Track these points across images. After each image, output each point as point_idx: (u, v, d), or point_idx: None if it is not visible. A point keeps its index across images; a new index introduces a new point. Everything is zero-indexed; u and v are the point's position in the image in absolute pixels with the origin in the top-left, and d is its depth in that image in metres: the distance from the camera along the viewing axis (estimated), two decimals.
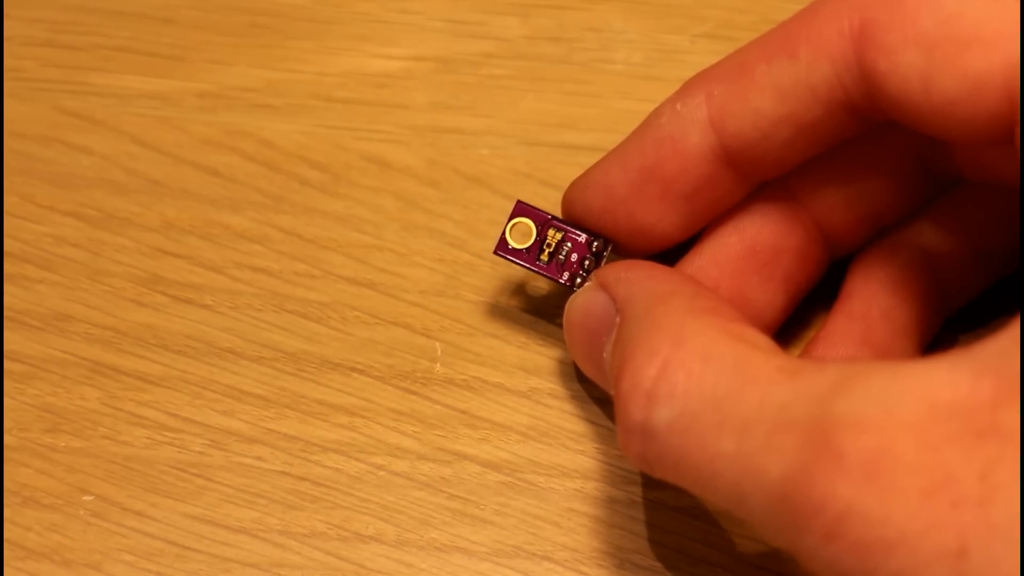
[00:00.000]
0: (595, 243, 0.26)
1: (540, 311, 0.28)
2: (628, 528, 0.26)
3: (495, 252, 0.26)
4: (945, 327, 0.26)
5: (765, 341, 0.21)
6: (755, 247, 0.25)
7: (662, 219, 0.25)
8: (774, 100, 0.23)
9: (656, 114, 0.24)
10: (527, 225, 0.26)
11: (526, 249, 0.26)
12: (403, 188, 0.29)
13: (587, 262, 0.26)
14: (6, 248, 0.29)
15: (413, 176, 0.30)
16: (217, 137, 0.30)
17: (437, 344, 0.28)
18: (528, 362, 0.27)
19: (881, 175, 0.25)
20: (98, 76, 0.31)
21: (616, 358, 0.22)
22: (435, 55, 0.31)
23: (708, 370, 0.20)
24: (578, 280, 0.26)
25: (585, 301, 0.24)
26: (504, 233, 0.26)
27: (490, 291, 0.28)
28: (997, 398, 0.17)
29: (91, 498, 0.26)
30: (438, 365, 0.27)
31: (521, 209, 0.26)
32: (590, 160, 0.25)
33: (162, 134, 0.30)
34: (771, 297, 0.25)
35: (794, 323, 0.27)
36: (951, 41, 0.20)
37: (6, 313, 0.28)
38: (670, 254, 0.26)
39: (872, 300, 0.25)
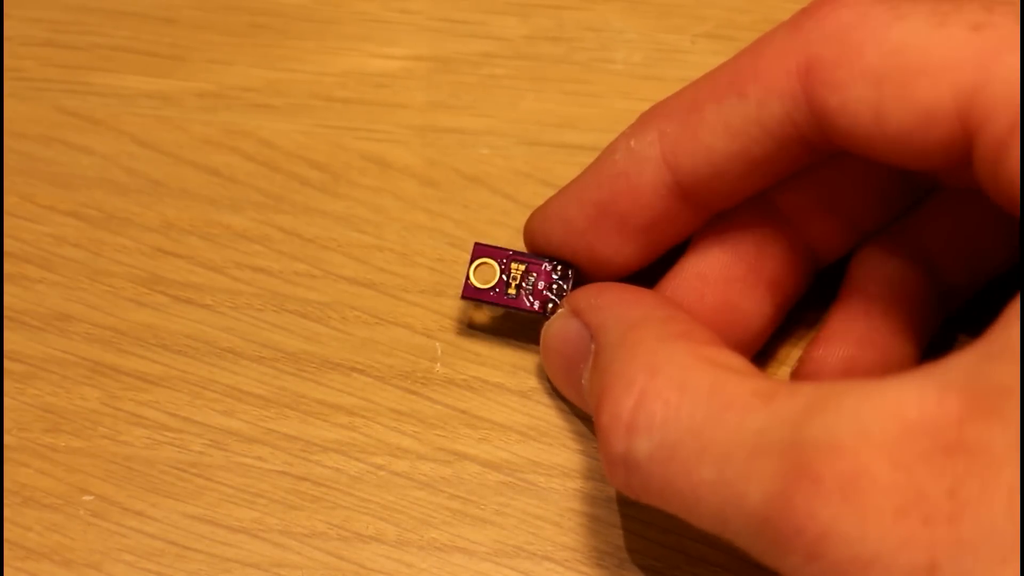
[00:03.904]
0: (559, 268, 0.26)
1: (540, 315, 0.28)
2: (628, 528, 0.26)
3: (463, 297, 0.26)
4: (944, 327, 0.26)
5: (740, 362, 0.21)
6: (739, 259, 0.25)
7: (620, 251, 0.25)
8: (725, 138, 0.23)
9: (611, 150, 0.25)
10: (490, 264, 0.26)
11: (493, 287, 0.26)
12: (403, 188, 0.29)
13: (555, 287, 0.26)
14: (6, 248, 0.29)
15: (413, 176, 0.30)
16: (217, 137, 0.30)
17: (437, 344, 0.28)
18: (528, 362, 0.27)
19: (859, 185, 0.26)
20: (98, 76, 0.31)
21: (594, 388, 0.22)
22: (435, 55, 0.31)
23: (685, 399, 0.20)
24: (550, 306, 0.26)
25: (559, 329, 0.25)
26: (468, 277, 0.26)
27: None
28: (963, 414, 0.17)
29: (91, 498, 0.26)
30: (438, 365, 0.27)
31: (480, 251, 0.27)
32: (590, 160, 0.25)
33: (162, 134, 0.30)
34: (758, 307, 0.25)
35: (792, 323, 0.27)
36: (899, 73, 0.20)
37: (6, 313, 0.28)
38: (655, 268, 0.26)
39: (871, 300, 0.25)
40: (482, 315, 0.28)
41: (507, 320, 0.28)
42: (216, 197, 0.29)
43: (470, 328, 0.28)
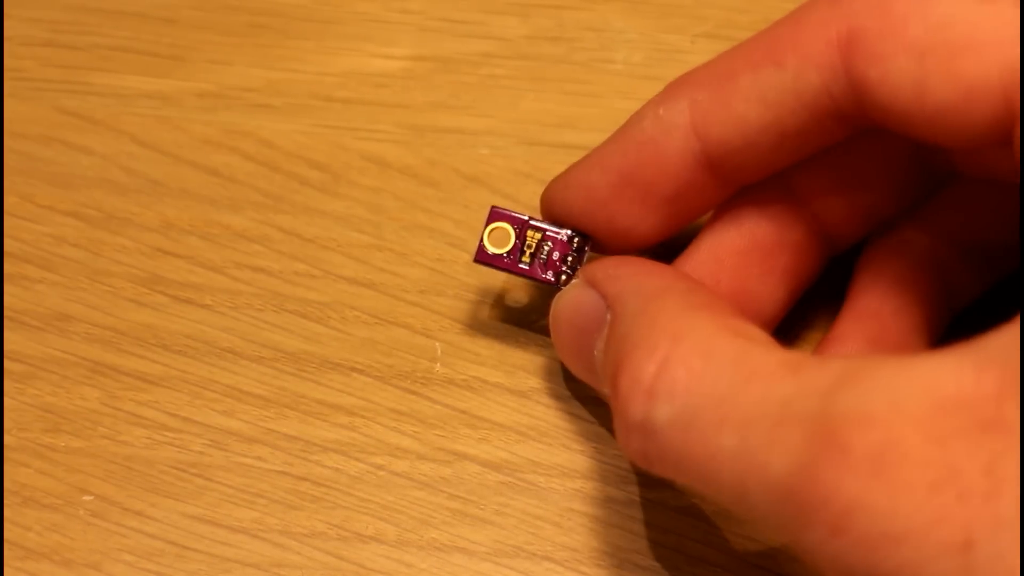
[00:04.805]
0: (575, 239, 0.26)
1: (540, 310, 0.28)
2: (628, 528, 0.26)
3: (475, 260, 0.26)
4: (953, 324, 0.26)
5: (763, 336, 0.21)
6: (754, 241, 0.25)
7: (642, 221, 0.25)
8: (760, 108, 0.23)
9: (638, 117, 0.24)
10: (505, 230, 0.26)
11: (507, 253, 0.26)
12: (403, 188, 0.29)
13: (570, 259, 0.26)
14: (6, 248, 0.29)
15: (413, 176, 0.30)
16: (217, 137, 0.30)
17: (437, 344, 0.28)
18: (528, 362, 0.27)
19: (878, 170, 0.25)
20: (98, 76, 0.31)
21: (611, 356, 0.22)
22: (435, 55, 0.31)
23: (709, 366, 0.20)
24: (563, 278, 0.26)
25: (573, 299, 0.24)
26: (482, 240, 0.26)
27: (490, 290, 0.28)
28: (1002, 391, 0.17)
29: (91, 498, 0.26)
30: (438, 365, 0.27)
31: (497, 214, 0.26)
32: None
33: (162, 134, 0.30)
34: (771, 291, 0.25)
35: (799, 322, 0.27)
36: (943, 47, 0.20)
37: (6, 313, 0.28)
38: (669, 248, 0.26)
39: (882, 299, 0.25)
40: (516, 299, 0.28)
41: (507, 320, 0.28)
42: (216, 197, 0.29)
43: (477, 321, 0.28)
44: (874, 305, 0.25)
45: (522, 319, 0.28)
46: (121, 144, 0.30)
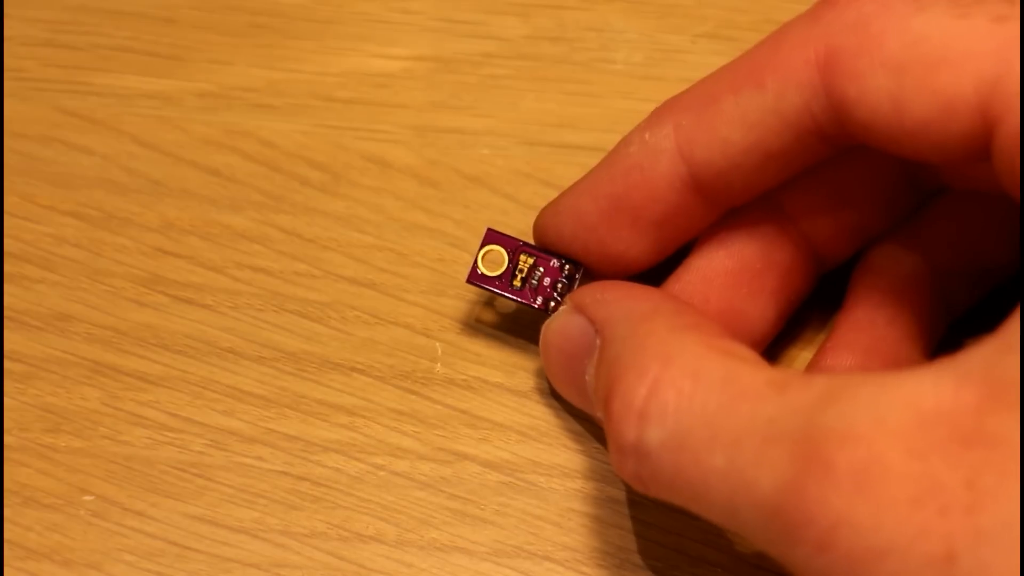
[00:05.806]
0: (567, 267, 0.26)
1: (541, 311, 0.28)
2: (628, 528, 0.26)
3: (468, 281, 0.26)
4: (951, 330, 0.26)
5: (751, 354, 0.21)
6: (743, 261, 0.25)
7: (632, 246, 0.25)
8: (743, 130, 0.23)
9: (625, 143, 0.25)
10: (498, 252, 0.26)
11: (499, 276, 0.26)
12: (403, 188, 0.29)
13: (560, 286, 0.26)
14: (6, 248, 0.29)
15: (413, 176, 0.30)
16: (217, 137, 0.30)
17: (437, 344, 0.28)
18: (528, 362, 0.27)
19: (866, 187, 0.25)
20: (98, 76, 0.31)
21: (602, 380, 0.22)
22: (435, 55, 0.31)
23: (698, 387, 0.20)
24: (552, 304, 0.26)
25: (562, 325, 0.25)
26: (476, 261, 0.26)
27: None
28: (981, 405, 0.17)
29: (91, 498, 0.26)
30: (438, 365, 0.27)
31: (492, 237, 0.26)
32: (590, 160, 0.26)
33: (162, 134, 0.30)
34: (761, 311, 0.25)
35: (795, 328, 0.27)
36: (920, 63, 0.20)
37: (6, 313, 0.28)
38: (658, 271, 0.26)
39: (877, 309, 0.25)
40: (488, 313, 0.28)
41: (508, 320, 0.28)
42: (216, 197, 0.29)
43: (476, 324, 0.28)
44: (868, 316, 0.25)
45: (523, 320, 0.28)
46: (121, 144, 0.30)
